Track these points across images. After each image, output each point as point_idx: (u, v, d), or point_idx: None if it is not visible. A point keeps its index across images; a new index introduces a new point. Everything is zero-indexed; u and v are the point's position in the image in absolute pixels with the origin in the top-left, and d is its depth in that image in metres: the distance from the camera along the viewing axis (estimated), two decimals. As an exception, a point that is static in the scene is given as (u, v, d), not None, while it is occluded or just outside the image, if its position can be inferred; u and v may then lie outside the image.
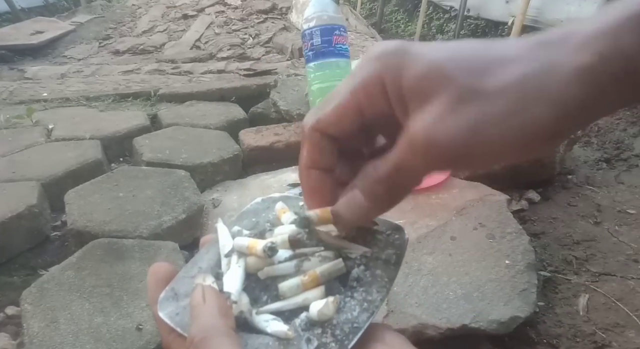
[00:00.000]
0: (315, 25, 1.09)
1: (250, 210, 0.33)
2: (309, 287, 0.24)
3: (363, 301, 0.24)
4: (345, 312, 0.23)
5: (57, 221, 1.03)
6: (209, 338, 0.21)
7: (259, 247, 0.25)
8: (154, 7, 3.86)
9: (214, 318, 0.22)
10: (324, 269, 0.25)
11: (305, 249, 0.26)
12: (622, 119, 1.44)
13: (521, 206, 1.01)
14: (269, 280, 0.26)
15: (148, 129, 1.44)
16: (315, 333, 0.23)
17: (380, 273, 0.25)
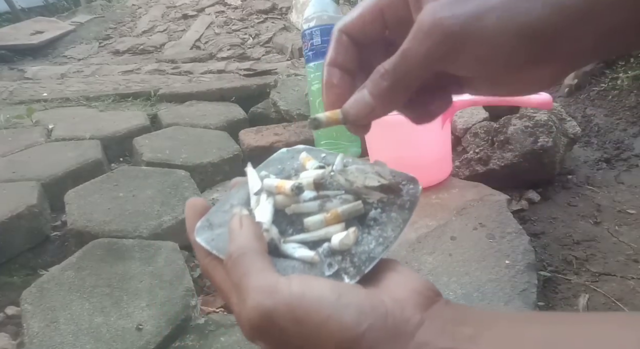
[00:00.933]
0: (315, 25, 1.09)
1: (275, 158, 0.35)
2: (331, 223, 0.27)
3: (379, 237, 0.26)
4: (363, 245, 0.26)
5: (57, 221, 1.03)
6: (246, 254, 0.24)
7: (288, 186, 0.28)
8: (154, 7, 3.86)
9: (249, 240, 0.25)
10: (344, 209, 0.27)
11: (328, 191, 0.29)
12: (622, 119, 1.44)
13: (521, 206, 1.01)
14: (294, 216, 0.29)
15: (148, 129, 1.44)
16: (336, 259, 0.25)
17: (395, 216, 0.28)
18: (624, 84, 1.57)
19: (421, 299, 0.23)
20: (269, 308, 0.22)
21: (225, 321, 0.67)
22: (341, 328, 0.21)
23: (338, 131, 1.13)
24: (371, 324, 0.21)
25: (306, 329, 0.21)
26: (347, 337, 0.20)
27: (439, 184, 0.96)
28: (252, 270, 0.23)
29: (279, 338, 0.22)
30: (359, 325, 0.21)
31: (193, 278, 0.77)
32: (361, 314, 0.21)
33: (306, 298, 0.21)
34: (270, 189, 0.30)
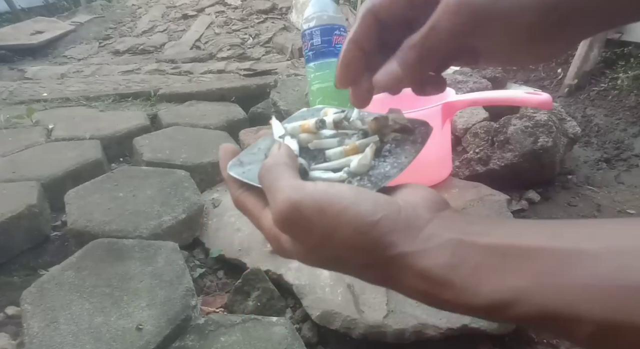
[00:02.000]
0: (315, 25, 1.09)
1: (297, 115, 0.37)
2: (350, 154, 0.30)
3: (394, 162, 0.29)
4: (379, 169, 0.29)
5: (57, 221, 1.03)
6: (279, 164, 0.27)
7: (312, 122, 0.32)
8: (154, 7, 3.86)
9: (283, 156, 0.28)
10: (362, 141, 0.30)
11: (346, 130, 0.32)
12: (622, 119, 1.44)
13: (521, 206, 1.01)
14: (316, 151, 0.32)
15: (148, 129, 1.44)
16: (355, 179, 0.28)
17: (408, 148, 0.30)
18: (624, 84, 1.57)
19: (431, 204, 0.25)
20: (296, 200, 0.24)
21: (225, 321, 0.67)
22: (359, 215, 0.23)
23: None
24: (385, 214, 0.23)
25: (328, 217, 0.23)
26: (364, 222, 0.23)
27: (439, 184, 0.96)
28: (284, 175, 0.26)
29: (305, 227, 0.24)
30: (374, 213, 0.23)
31: (193, 278, 0.77)
32: (377, 205, 0.23)
33: (329, 192, 0.24)
34: (294, 131, 0.33)
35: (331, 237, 0.24)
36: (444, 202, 0.26)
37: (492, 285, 0.21)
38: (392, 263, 0.23)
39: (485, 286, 0.21)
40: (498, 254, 0.21)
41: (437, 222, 0.23)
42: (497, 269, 0.21)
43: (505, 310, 0.20)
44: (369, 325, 0.65)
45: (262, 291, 0.74)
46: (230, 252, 0.86)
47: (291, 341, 0.63)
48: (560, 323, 0.19)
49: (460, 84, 1.29)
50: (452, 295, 0.22)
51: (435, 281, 0.22)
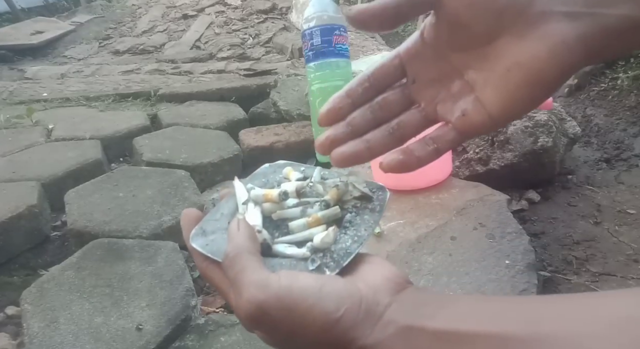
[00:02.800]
0: (315, 25, 1.09)
1: (259, 173, 0.38)
2: (312, 226, 0.31)
3: (354, 236, 0.30)
4: (340, 243, 0.30)
5: (57, 221, 1.03)
6: (241, 254, 0.27)
7: (275, 193, 0.33)
8: (154, 7, 3.86)
9: (244, 241, 0.28)
10: (324, 213, 0.32)
11: (309, 198, 0.33)
12: (622, 119, 1.44)
13: (521, 206, 1.01)
14: (279, 221, 0.33)
15: (148, 129, 1.44)
16: (318, 256, 0.30)
17: (367, 218, 0.32)
18: (624, 84, 1.57)
19: (392, 285, 0.26)
20: (262, 300, 0.25)
21: (225, 321, 0.67)
22: (323, 313, 0.24)
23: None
24: (348, 308, 0.24)
25: (294, 316, 0.24)
26: (329, 320, 0.24)
27: (439, 184, 0.96)
28: (247, 267, 0.27)
29: (272, 326, 0.25)
30: (337, 310, 0.24)
31: (193, 278, 0.77)
32: (340, 300, 0.25)
33: (293, 290, 0.25)
34: (257, 198, 0.34)
35: (297, 334, 0.25)
36: (404, 280, 0.27)
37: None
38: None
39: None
40: (442, 341, 0.23)
41: (394, 307, 0.25)
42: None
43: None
44: (369, 325, 0.65)
45: (262, 291, 0.74)
46: (230, 252, 0.86)
47: (291, 341, 0.63)
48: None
49: (460, 84, 1.29)
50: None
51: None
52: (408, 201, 0.92)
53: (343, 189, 0.33)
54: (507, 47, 0.26)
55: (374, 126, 0.32)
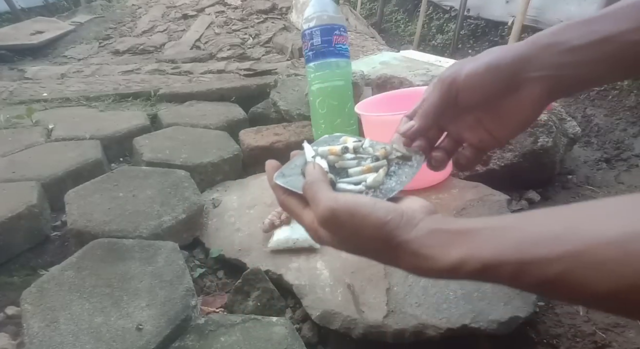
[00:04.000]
0: (315, 25, 1.09)
1: (321, 140, 0.48)
2: (365, 172, 0.42)
3: (397, 180, 0.42)
4: (387, 184, 0.41)
5: (57, 221, 1.03)
6: (318, 181, 0.39)
7: (338, 148, 0.44)
8: (154, 7, 3.86)
9: (320, 174, 0.40)
10: (375, 164, 0.43)
11: (362, 155, 0.44)
12: (622, 119, 1.44)
13: (521, 206, 1.01)
14: (340, 169, 0.44)
15: (148, 129, 1.44)
16: (370, 191, 0.40)
17: (407, 170, 0.43)
18: (624, 84, 1.57)
19: (425, 210, 0.36)
20: (334, 207, 0.35)
21: (225, 321, 0.67)
22: (376, 218, 0.34)
23: (337, 131, 1.12)
24: (393, 217, 0.34)
25: (355, 219, 0.35)
26: (379, 223, 0.34)
27: (439, 184, 0.96)
28: (322, 188, 0.38)
29: (339, 226, 0.36)
30: (386, 217, 0.34)
31: (193, 278, 0.77)
32: (388, 211, 0.35)
33: (357, 202, 0.35)
34: (323, 153, 0.45)
35: (358, 233, 0.35)
36: (434, 210, 0.37)
37: (449, 254, 0.32)
38: (397, 248, 0.34)
39: (446, 256, 0.32)
40: (457, 234, 0.32)
41: (427, 220, 0.35)
42: (454, 244, 0.32)
43: (460, 269, 0.31)
44: (369, 325, 0.65)
45: (262, 291, 0.74)
46: (230, 252, 0.86)
47: (291, 341, 0.63)
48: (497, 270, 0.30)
49: (460, 84, 1.29)
50: (430, 264, 0.33)
51: (421, 256, 0.33)
52: (408, 201, 0.92)
53: (389, 150, 0.45)
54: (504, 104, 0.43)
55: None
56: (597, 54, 0.39)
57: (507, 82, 0.42)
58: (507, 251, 0.29)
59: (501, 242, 0.30)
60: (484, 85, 0.43)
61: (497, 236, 0.31)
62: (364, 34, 2.90)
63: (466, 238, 0.32)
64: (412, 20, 4.39)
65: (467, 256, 0.31)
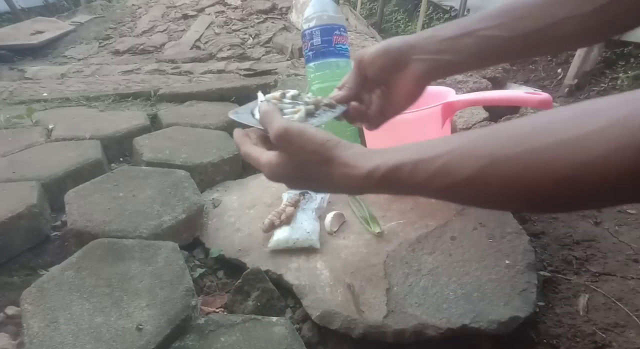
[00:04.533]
0: (315, 25, 1.09)
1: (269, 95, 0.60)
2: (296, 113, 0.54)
3: (319, 119, 0.55)
4: (309, 121, 0.54)
5: (57, 221, 1.03)
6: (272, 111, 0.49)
7: (278, 94, 0.58)
8: (154, 7, 3.86)
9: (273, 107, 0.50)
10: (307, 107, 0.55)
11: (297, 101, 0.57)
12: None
13: (521, 206, 1.01)
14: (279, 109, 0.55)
15: (148, 129, 1.44)
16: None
17: (329, 114, 0.57)
18: (624, 84, 1.57)
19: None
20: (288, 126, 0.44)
21: (225, 321, 0.67)
22: (320, 137, 0.43)
23: (337, 131, 1.13)
24: (333, 138, 0.43)
25: (304, 136, 0.43)
26: (322, 140, 0.42)
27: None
28: (278, 116, 0.47)
29: (290, 143, 0.43)
30: (328, 137, 0.43)
31: (193, 278, 0.77)
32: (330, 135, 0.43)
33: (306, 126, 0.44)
34: (269, 98, 0.58)
35: (304, 148, 0.43)
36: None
37: (369, 162, 0.40)
38: (332, 160, 0.42)
39: (366, 163, 0.40)
40: (377, 151, 0.40)
41: (359, 146, 0.43)
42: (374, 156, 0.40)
43: (374, 174, 0.39)
44: (369, 325, 0.65)
45: (262, 291, 0.74)
46: (230, 252, 0.86)
47: (291, 341, 0.63)
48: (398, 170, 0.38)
49: (460, 84, 1.29)
50: (354, 172, 0.40)
51: (349, 165, 0.40)
52: (408, 201, 0.92)
53: (318, 99, 0.58)
54: (396, 79, 0.56)
55: None
56: (462, 45, 0.52)
57: (396, 61, 0.55)
58: (407, 155, 0.38)
59: (405, 151, 0.39)
60: (380, 63, 0.56)
61: (404, 149, 0.39)
62: (364, 34, 2.90)
63: (385, 151, 0.40)
64: (412, 20, 4.40)
65: (381, 162, 0.39)
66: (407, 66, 0.55)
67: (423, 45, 0.54)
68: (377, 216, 0.88)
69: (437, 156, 0.35)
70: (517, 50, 0.53)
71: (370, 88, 0.60)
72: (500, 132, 0.34)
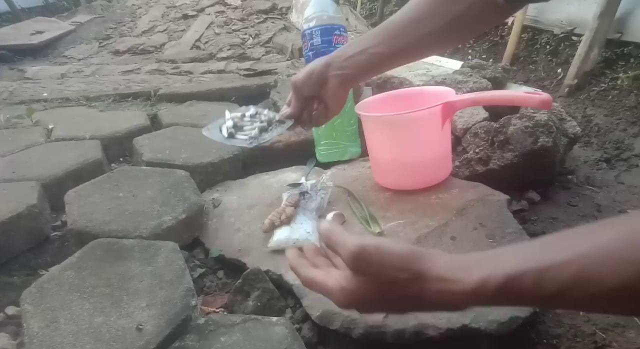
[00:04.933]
0: (315, 25, 1.09)
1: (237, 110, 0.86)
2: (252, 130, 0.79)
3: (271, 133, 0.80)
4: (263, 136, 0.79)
5: (57, 221, 1.03)
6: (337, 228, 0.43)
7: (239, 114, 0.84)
8: (154, 7, 3.86)
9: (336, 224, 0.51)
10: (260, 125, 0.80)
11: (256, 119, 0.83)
12: (622, 119, 1.44)
13: (521, 206, 1.01)
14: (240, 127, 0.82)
15: (148, 129, 1.44)
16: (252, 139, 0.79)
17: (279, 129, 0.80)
18: (624, 84, 1.57)
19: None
20: (363, 242, 0.38)
21: (225, 321, 0.67)
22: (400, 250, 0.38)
23: (338, 131, 1.13)
24: (416, 249, 0.38)
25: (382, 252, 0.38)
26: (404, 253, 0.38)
27: (439, 184, 0.96)
28: (345, 232, 0.41)
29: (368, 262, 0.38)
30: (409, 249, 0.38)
31: (193, 278, 0.77)
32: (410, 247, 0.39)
33: (381, 240, 0.39)
34: (233, 117, 0.81)
35: (385, 264, 0.37)
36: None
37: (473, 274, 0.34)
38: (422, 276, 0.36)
39: (470, 276, 0.34)
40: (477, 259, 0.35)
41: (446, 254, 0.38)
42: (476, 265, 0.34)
43: (485, 286, 0.33)
44: (369, 325, 0.65)
45: (262, 291, 0.74)
46: (230, 252, 0.86)
47: (291, 341, 0.63)
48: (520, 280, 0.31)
49: (460, 84, 1.29)
50: (456, 287, 0.34)
51: (447, 280, 0.34)
52: (408, 201, 0.92)
53: (271, 117, 0.81)
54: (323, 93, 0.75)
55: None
56: (358, 61, 0.70)
57: (319, 80, 0.73)
58: (526, 262, 0.32)
59: (518, 257, 0.33)
60: (309, 84, 0.74)
61: (514, 253, 0.34)
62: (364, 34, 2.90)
63: (486, 259, 0.35)
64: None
65: (490, 272, 0.33)
66: (327, 82, 0.73)
67: (335, 63, 0.72)
68: (377, 216, 0.88)
69: (568, 262, 0.30)
70: (399, 60, 0.73)
71: (309, 102, 0.78)
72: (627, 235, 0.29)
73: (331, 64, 0.72)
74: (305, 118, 0.80)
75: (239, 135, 0.80)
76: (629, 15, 1.65)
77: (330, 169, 1.12)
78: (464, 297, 0.34)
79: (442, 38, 0.69)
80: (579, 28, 1.89)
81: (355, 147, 1.17)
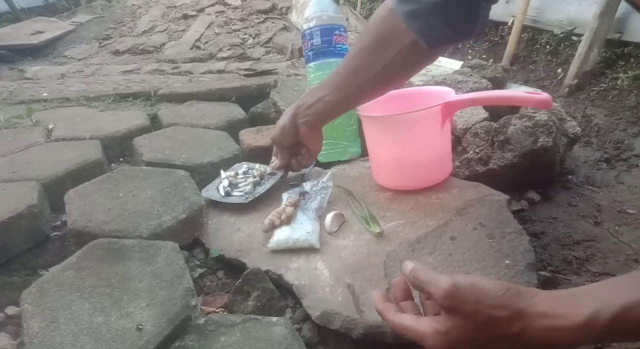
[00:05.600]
0: (315, 25, 1.09)
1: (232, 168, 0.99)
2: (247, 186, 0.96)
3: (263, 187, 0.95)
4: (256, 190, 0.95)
5: (57, 221, 1.03)
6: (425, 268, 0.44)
7: (232, 173, 1.00)
8: (154, 7, 3.86)
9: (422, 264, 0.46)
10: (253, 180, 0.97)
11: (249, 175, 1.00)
12: (622, 119, 1.44)
13: (521, 206, 1.01)
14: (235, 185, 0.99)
15: (148, 129, 1.44)
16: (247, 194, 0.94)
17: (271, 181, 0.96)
18: (624, 84, 1.57)
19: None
20: (455, 280, 0.38)
21: (225, 321, 0.67)
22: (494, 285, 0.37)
23: (338, 131, 1.13)
24: (511, 286, 0.37)
25: (477, 288, 0.37)
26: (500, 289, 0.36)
27: (439, 184, 0.96)
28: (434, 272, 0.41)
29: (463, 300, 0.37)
30: (504, 284, 0.37)
31: (193, 278, 0.77)
32: (502, 282, 0.38)
33: (472, 276, 0.39)
34: (228, 176, 0.97)
35: (481, 302, 0.36)
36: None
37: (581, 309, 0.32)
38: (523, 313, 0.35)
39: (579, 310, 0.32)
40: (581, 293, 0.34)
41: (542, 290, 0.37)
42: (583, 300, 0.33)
43: (597, 320, 0.31)
44: (369, 325, 0.65)
45: (262, 291, 0.74)
46: (230, 252, 0.86)
47: (291, 341, 0.63)
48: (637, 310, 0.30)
49: (460, 84, 1.29)
50: (564, 323, 0.32)
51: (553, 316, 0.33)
52: (408, 201, 0.92)
53: (263, 171, 0.97)
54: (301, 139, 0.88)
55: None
56: (317, 109, 0.82)
57: (292, 132, 0.85)
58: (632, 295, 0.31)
59: (627, 287, 0.32)
60: (285, 137, 0.87)
61: (620, 284, 0.33)
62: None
63: (594, 292, 0.33)
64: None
65: (600, 305, 0.32)
66: (298, 130, 0.85)
67: (300, 113, 0.84)
68: (377, 216, 0.88)
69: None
70: (350, 105, 0.83)
71: (293, 149, 0.92)
72: None
73: (297, 114, 0.84)
74: (293, 164, 0.94)
75: (235, 192, 0.95)
76: (629, 15, 1.65)
77: (330, 169, 1.12)
78: (574, 332, 0.32)
79: (379, 84, 0.78)
80: (579, 28, 1.89)
81: (355, 147, 1.17)
